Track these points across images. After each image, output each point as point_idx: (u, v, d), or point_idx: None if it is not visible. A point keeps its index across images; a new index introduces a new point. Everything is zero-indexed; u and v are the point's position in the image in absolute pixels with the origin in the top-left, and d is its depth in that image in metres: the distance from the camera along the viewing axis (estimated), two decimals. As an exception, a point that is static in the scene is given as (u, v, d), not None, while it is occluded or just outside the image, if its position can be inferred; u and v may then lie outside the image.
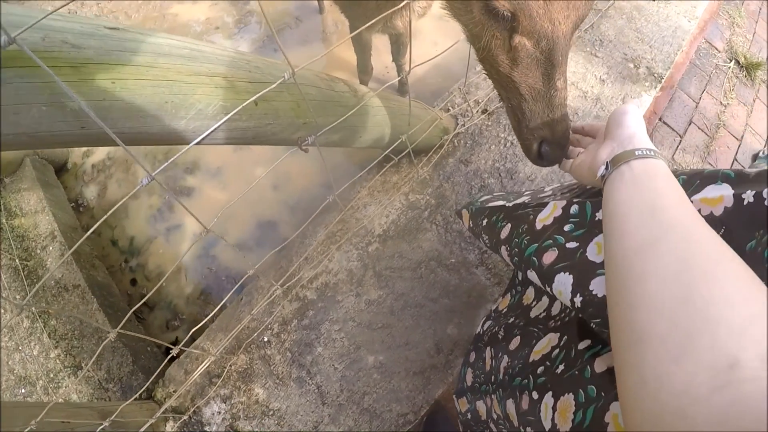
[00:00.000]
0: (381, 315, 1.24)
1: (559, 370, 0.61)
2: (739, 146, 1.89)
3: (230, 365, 1.26)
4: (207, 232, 0.79)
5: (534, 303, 0.84)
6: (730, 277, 0.31)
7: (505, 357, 0.78)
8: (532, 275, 0.66)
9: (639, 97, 1.65)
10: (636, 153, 0.51)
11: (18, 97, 0.43)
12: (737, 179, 0.50)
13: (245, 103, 0.61)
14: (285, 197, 1.73)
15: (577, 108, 1.58)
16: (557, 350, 0.65)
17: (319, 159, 1.77)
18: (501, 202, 0.86)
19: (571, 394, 0.55)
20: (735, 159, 1.85)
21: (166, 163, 0.60)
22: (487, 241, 0.85)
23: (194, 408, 1.24)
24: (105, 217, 0.61)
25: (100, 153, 1.89)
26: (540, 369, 0.65)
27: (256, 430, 1.19)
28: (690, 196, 0.51)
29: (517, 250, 0.71)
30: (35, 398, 1.44)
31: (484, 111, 1.52)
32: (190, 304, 1.60)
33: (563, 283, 0.58)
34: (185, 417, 1.23)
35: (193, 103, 0.59)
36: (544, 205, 0.71)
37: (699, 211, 0.50)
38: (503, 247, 0.76)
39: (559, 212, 0.67)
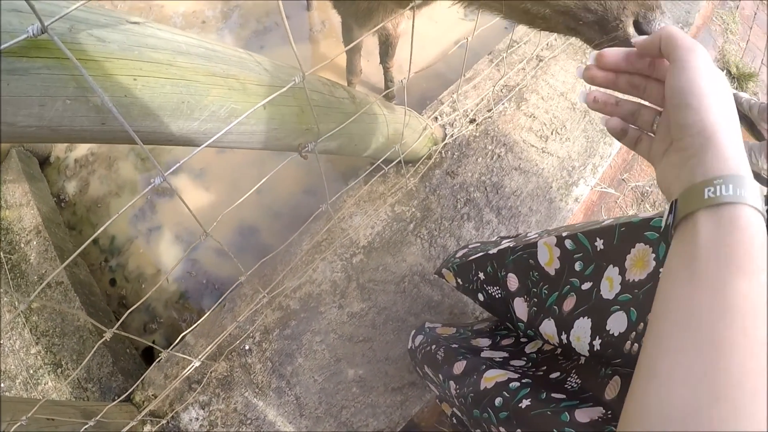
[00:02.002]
0: (363, 328, 1.24)
1: (523, 405, 0.59)
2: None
3: (210, 372, 1.26)
4: (206, 235, 0.78)
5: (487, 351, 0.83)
6: None
7: (452, 383, 0.77)
8: (547, 326, 0.65)
9: (628, 110, 1.66)
10: (707, 194, 0.34)
11: (45, 89, 0.42)
12: None
13: (256, 107, 0.60)
14: (269, 203, 1.71)
15: (565, 120, 1.58)
16: (516, 383, 0.65)
17: (304, 165, 1.76)
18: (482, 253, 0.85)
19: None
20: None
21: (178, 164, 0.58)
22: (497, 293, 0.80)
23: (172, 413, 1.24)
24: (111, 221, 0.59)
25: (82, 148, 1.85)
26: (498, 401, 0.64)
27: (234, 438, 1.20)
28: None
29: (536, 300, 0.69)
30: (14, 393, 1.43)
31: (473, 121, 1.51)
32: (169, 307, 1.59)
33: (582, 328, 0.57)
34: (163, 421, 1.24)
35: (207, 104, 0.58)
36: (534, 245, 0.70)
37: None
38: (518, 299, 0.74)
39: (558, 252, 0.66)
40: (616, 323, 0.52)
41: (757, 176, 1.66)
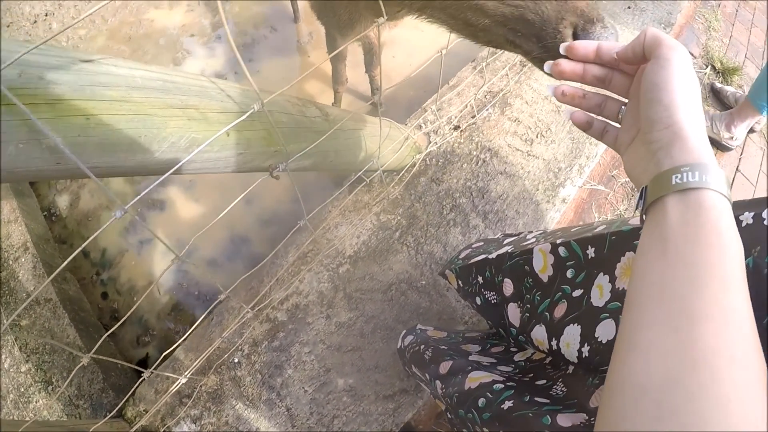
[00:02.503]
0: (351, 337, 1.24)
1: (505, 407, 0.60)
2: (715, 155, 1.91)
3: (201, 386, 1.26)
4: (177, 259, 0.79)
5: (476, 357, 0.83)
6: None
7: (438, 382, 0.78)
8: (538, 331, 0.65)
9: (613, 111, 1.66)
10: (674, 181, 0.37)
11: (-4, 134, 0.43)
12: (733, 206, 0.47)
13: (215, 136, 0.61)
14: (259, 212, 1.72)
15: (550, 123, 1.58)
16: (500, 385, 0.65)
17: (293, 174, 1.76)
18: (483, 256, 0.86)
19: None
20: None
21: (137, 198, 0.59)
22: (493, 298, 0.82)
23: (164, 428, 1.24)
24: (84, 245, 0.60)
25: (71, 163, 1.85)
26: (481, 401, 0.64)
27: (226, 451, 1.20)
28: None
29: (529, 306, 0.70)
30: (5, 413, 1.43)
31: (456, 127, 1.52)
32: (161, 319, 1.59)
33: (572, 335, 0.58)
34: (155, 437, 1.24)
35: (165, 136, 0.58)
36: (530, 252, 0.71)
37: None
38: (512, 304, 0.75)
39: (552, 259, 0.67)
40: (605, 331, 0.53)
41: (718, 143, 1.85)
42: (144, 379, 0.99)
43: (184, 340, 1.13)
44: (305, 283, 1.30)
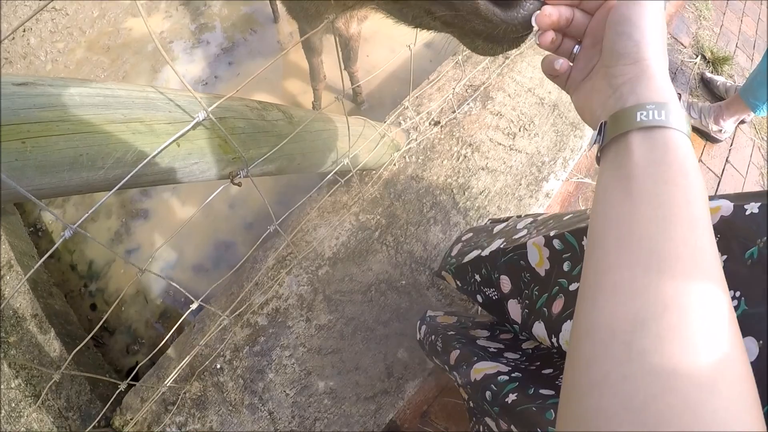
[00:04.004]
0: (331, 340, 1.23)
1: (509, 400, 0.59)
2: (704, 146, 1.88)
3: (184, 392, 1.25)
4: (142, 272, 0.79)
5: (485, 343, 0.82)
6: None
7: (454, 372, 0.77)
8: (538, 328, 0.64)
9: (598, 100, 1.64)
10: (639, 117, 0.35)
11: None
12: (735, 196, 0.47)
13: (162, 147, 0.60)
14: (243, 215, 1.72)
15: (534, 116, 1.56)
16: (505, 377, 0.64)
17: (273, 176, 1.75)
18: (475, 252, 0.85)
19: None
20: (700, 160, 1.85)
21: (87, 214, 0.59)
22: (493, 294, 0.80)
23: (150, 436, 1.24)
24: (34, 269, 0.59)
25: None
26: (488, 394, 0.64)
27: (211, 458, 1.19)
28: None
29: (527, 302, 0.69)
30: (-2, 428, 1.44)
31: (436, 123, 1.50)
32: (150, 328, 1.59)
33: (569, 331, 0.56)
34: (142, 445, 1.24)
35: (109, 152, 0.57)
36: (524, 246, 0.70)
37: None
38: (512, 301, 0.74)
39: (547, 252, 0.66)
40: None
41: (707, 135, 1.85)
42: (120, 390, 0.99)
43: (149, 356, 1.13)
44: (285, 287, 1.29)
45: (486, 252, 0.81)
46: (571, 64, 0.47)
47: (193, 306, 0.92)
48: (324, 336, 1.24)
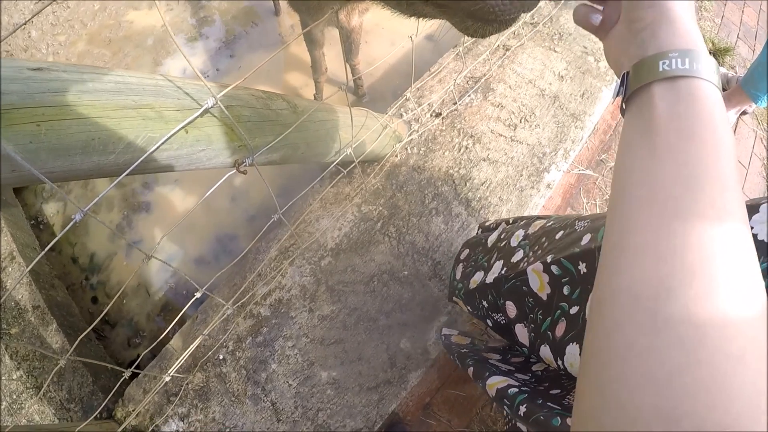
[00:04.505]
0: (334, 330, 1.23)
1: (521, 412, 0.60)
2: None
3: (187, 384, 1.26)
4: (148, 258, 0.79)
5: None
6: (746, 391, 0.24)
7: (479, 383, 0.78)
8: (545, 351, 0.65)
9: (600, 92, 1.64)
10: (661, 67, 0.33)
11: (-53, 146, 0.44)
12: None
13: (171, 133, 0.61)
14: (245, 207, 1.71)
15: (534, 107, 1.56)
16: (515, 389, 0.65)
17: (275, 167, 1.75)
18: (479, 275, 0.85)
19: None
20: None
21: (98, 198, 0.60)
22: (501, 319, 0.81)
23: (153, 426, 1.24)
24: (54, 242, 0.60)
25: (57, 168, 1.86)
26: (505, 408, 0.64)
27: (214, 448, 1.20)
28: None
29: (533, 326, 0.70)
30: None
31: (438, 115, 1.50)
32: (151, 320, 1.59)
33: (573, 354, 0.57)
34: (144, 436, 1.24)
35: (120, 137, 0.59)
36: (524, 273, 0.71)
37: None
38: (519, 325, 0.75)
39: (547, 277, 0.66)
40: None
41: None
42: (124, 378, 0.99)
43: (169, 336, 1.13)
44: (287, 278, 1.29)
45: (490, 279, 0.82)
46: (600, 8, 0.44)
47: (198, 294, 0.92)
48: (327, 326, 1.24)
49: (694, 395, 0.24)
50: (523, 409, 0.60)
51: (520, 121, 1.54)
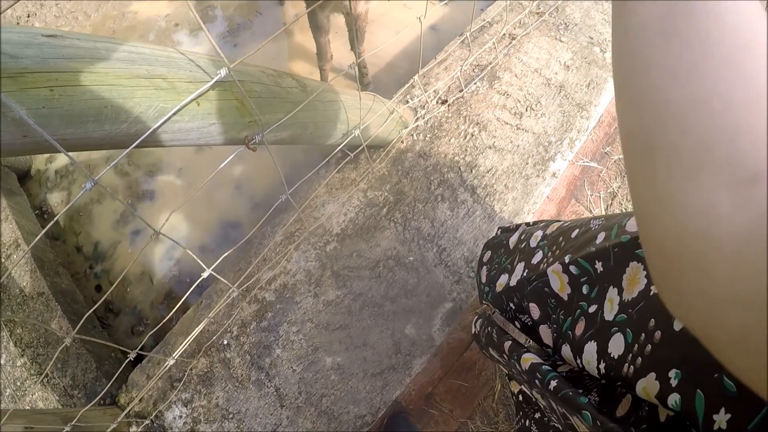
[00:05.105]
0: (339, 315, 1.23)
1: (552, 387, 0.61)
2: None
3: (191, 369, 1.25)
4: (156, 235, 0.79)
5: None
6: (756, 73, 0.24)
7: (510, 361, 0.79)
8: (566, 350, 0.66)
9: (606, 83, 1.63)
10: None
11: (-40, 109, 0.44)
12: None
13: (183, 104, 0.62)
14: (249, 195, 1.71)
15: (540, 96, 1.55)
16: (548, 367, 0.65)
17: (280, 154, 1.75)
18: (504, 277, 0.86)
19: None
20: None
21: (108, 168, 0.61)
22: (528, 321, 0.82)
23: (156, 412, 1.23)
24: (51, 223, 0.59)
25: (62, 159, 1.86)
26: (537, 381, 0.65)
27: (217, 434, 1.19)
28: None
29: (555, 326, 0.71)
30: (3, 406, 1.44)
31: (444, 102, 1.49)
32: (155, 308, 1.59)
33: (590, 352, 0.58)
34: (147, 421, 1.23)
35: (132, 106, 0.59)
36: (545, 274, 0.72)
37: None
38: (543, 326, 0.75)
39: (567, 278, 0.67)
40: (616, 346, 0.52)
41: None
42: (129, 360, 0.98)
43: (173, 320, 1.12)
44: (292, 263, 1.28)
45: (513, 281, 0.82)
46: None
47: (204, 275, 0.92)
48: (332, 312, 1.23)
49: (713, 85, 0.24)
50: (554, 383, 0.60)
51: (526, 110, 1.53)
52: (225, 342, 1.25)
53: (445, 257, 1.27)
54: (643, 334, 0.47)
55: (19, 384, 1.45)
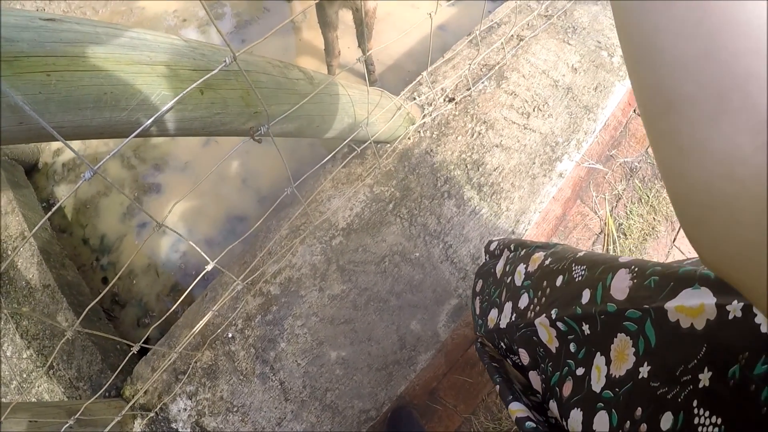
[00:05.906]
0: (344, 310, 1.23)
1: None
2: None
3: (195, 362, 1.25)
4: (159, 227, 0.78)
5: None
6: (755, 24, 0.25)
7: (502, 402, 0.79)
8: (553, 406, 0.65)
9: (613, 86, 1.63)
10: None
11: (-47, 95, 0.42)
12: (717, 282, 0.40)
13: (186, 91, 0.59)
14: (255, 189, 1.72)
15: (547, 97, 1.56)
16: (532, 424, 0.65)
17: (287, 148, 1.76)
18: (494, 313, 0.85)
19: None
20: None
21: (108, 156, 0.58)
22: (518, 361, 0.82)
23: (161, 405, 1.24)
24: (50, 212, 0.60)
25: (69, 151, 1.87)
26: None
27: (221, 426, 1.19)
28: (663, 302, 0.43)
29: (544, 376, 0.70)
30: (9, 399, 1.44)
31: (451, 99, 1.50)
32: (160, 301, 1.59)
33: (576, 420, 0.56)
34: (152, 414, 1.23)
35: (134, 93, 0.57)
36: (533, 323, 0.71)
37: (677, 322, 0.41)
38: (532, 372, 0.75)
39: (554, 332, 0.66)
40: (600, 424, 0.51)
41: None
42: (133, 353, 0.98)
43: (178, 313, 1.12)
44: (298, 256, 1.29)
45: (503, 323, 0.82)
46: None
47: (209, 267, 0.92)
48: (337, 306, 1.23)
49: (718, 36, 0.24)
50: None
51: (533, 110, 1.53)
52: (230, 335, 1.25)
53: (451, 254, 1.27)
54: (628, 422, 0.46)
55: (25, 376, 1.45)
